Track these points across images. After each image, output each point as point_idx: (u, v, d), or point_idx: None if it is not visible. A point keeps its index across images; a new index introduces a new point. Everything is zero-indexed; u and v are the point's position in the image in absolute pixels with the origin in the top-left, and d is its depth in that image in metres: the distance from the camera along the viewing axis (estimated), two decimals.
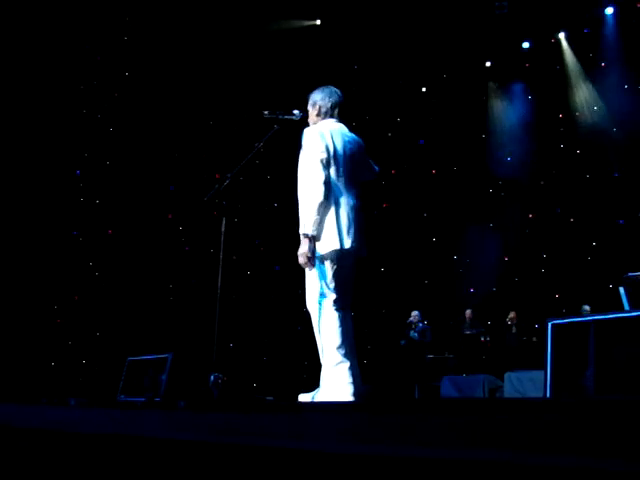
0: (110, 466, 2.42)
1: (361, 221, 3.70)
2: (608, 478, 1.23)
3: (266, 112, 4.18)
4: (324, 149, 3.62)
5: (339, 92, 3.94)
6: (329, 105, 3.87)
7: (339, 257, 3.60)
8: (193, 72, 10.07)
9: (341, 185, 3.65)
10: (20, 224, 8.75)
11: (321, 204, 3.54)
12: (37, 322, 8.74)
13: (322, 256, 3.58)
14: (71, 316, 9.20)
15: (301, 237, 3.57)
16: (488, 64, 11.59)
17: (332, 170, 3.64)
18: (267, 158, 9.20)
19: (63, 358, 8.93)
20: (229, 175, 4.11)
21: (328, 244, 3.56)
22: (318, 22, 10.68)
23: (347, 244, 3.56)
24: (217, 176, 8.35)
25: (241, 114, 10.04)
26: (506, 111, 11.64)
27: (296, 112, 4.13)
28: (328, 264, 3.60)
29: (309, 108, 3.90)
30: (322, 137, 3.66)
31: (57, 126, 9.24)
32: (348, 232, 3.58)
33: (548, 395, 3.30)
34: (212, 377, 3.93)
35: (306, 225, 3.54)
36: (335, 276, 3.60)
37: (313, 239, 3.55)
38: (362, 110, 10.52)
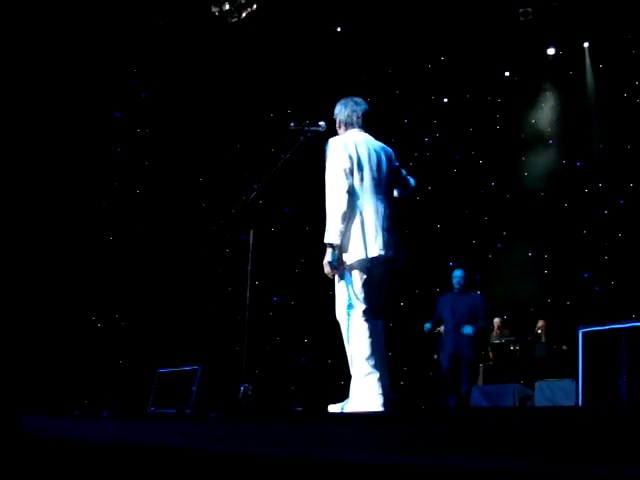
0: (142, 477, 2.45)
1: (393, 229, 3.70)
2: None
3: (292, 124, 4.22)
4: (347, 158, 3.65)
5: (362, 102, 3.96)
6: (350, 116, 3.92)
7: (367, 266, 3.61)
8: (218, 85, 10.15)
9: (368, 194, 3.66)
10: (56, 236, 8.87)
11: (345, 213, 3.55)
12: (68, 334, 8.84)
13: (350, 266, 3.59)
14: (102, 329, 9.29)
15: (326, 247, 3.60)
16: (507, 74, 11.53)
17: (356, 179, 3.65)
18: (293, 170, 9.23)
19: (94, 371, 9.02)
20: (256, 187, 4.15)
21: (354, 253, 3.57)
22: (339, 29, 10.69)
23: (374, 252, 3.56)
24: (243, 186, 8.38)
25: (268, 126, 10.11)
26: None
27: (322, 123, 4.16)
28: (356, 274, 3.61)
29: (336, 123, 4.01)
30: (345, 147, 3.69)
31: (85, 135, 9.36)
32: (375, 240, 3.58)
33: (580, 404, 3.27)
34: (242, 388, 3.95)
35: (330, 234, 3.57)
36: (364, 286, 3.60)
37: (337, 248, 3.57)
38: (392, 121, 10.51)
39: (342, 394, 3.76)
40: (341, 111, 3.95)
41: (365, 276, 3.59)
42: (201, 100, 10.10)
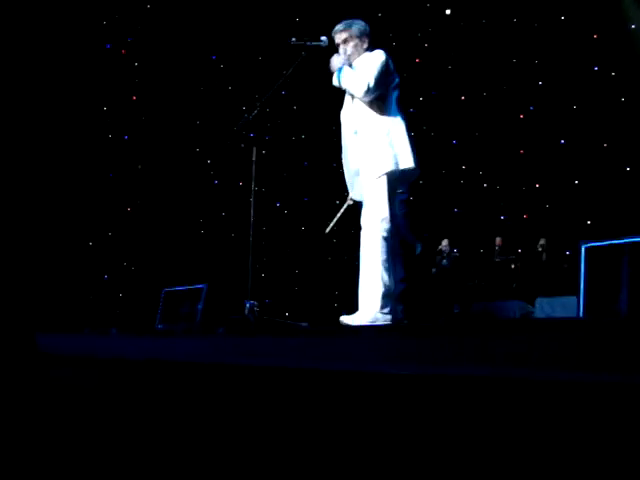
0: (153, 389, 2.52)
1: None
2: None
3: (293, 39, 4.13)
4: (394, 76, 3.80)
5: None
6: (369, 36, 3.94)
7: (398, 179, 3.67)
8: (219, 2, 9.90)
9: (399, 115, 3.77)
10: (53, 162, 8.83)
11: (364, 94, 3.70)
12: (72, 257, 8.92)
13: (387, 175, 3.63)
14: (106, 250, 9.37)
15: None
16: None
17: (394, 98, 3.77)
18: (295, 86, 9.09)
19: (100, 291, 9.15)
20: (258, 104, 4.10)
21: (405, 160, 3.68)
22: None
23: (408, 164, 3.69)
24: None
25: (268, 42, 9.90)
26: None
27: (323, 38, 4.06)
28: (388, 186, 3.65)
29: (352, 42, 3.88)
30: (393, 67, 3.80)
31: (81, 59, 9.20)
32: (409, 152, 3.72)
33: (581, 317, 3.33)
34: (247, 304, 4.01)
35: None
36: (390, 200, 3.65)
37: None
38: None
39: (347, 309, 3.82)
40: (369, 31, 3.92)
41: (394, 190, 3.66)
42: (206, 19, 9.88)
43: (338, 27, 3.91)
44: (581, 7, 10.38)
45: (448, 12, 11.13)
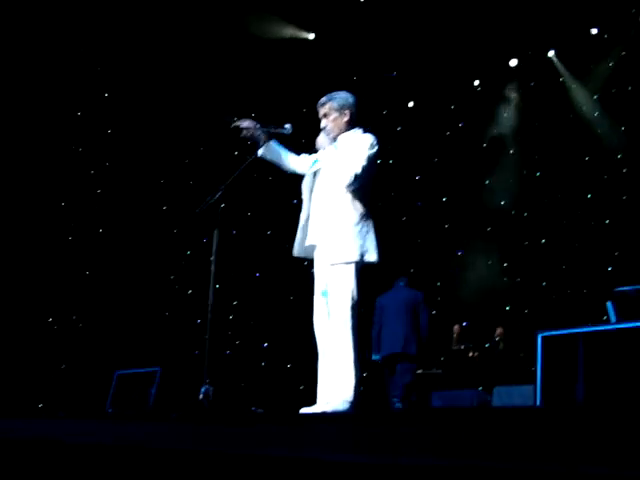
0: (99, 474, 2.42)
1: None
2: None
3: (258, 125, 4.20)
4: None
5: None
6: (356, 114, 3.91)
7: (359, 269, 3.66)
8: (184, 85, 10.07)
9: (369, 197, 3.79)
10: (16, 236, 8.71)
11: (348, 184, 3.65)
12: (25, 335, 8.67)
13: (358, 264, 3.63)
14: (60, 331, 9.13)
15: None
16: (476, 82, 11.68)
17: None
18: (258, 172, 9.21)
19: (51, 371, 8.86)
20: (222, 187, 4.13)
21: (371, 254, 3.67)
22: (312, 36, 10.74)
23: (376, 259, 3.72)
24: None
25: (232, 127, 10.05)
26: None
27: (287, 126, 4.13)
28: (356, 275, 3.63)
29: (332, 116, 3.86)
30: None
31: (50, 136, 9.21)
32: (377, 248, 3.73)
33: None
34: (203, 389, 3.91)
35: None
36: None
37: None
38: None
39: (306, 396, 3.76)
40: (352, 103, 3.88)
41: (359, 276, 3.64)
42: (166, 100, 10.01)
43: (321, 100, 3.90)
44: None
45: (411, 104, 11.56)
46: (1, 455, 2.60)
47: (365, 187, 3.71)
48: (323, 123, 3.89)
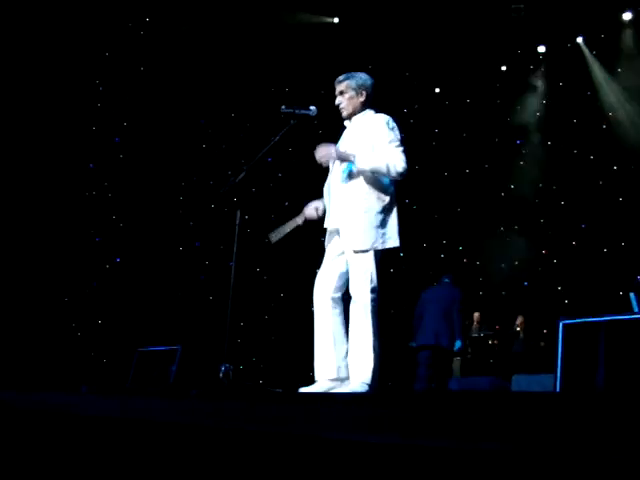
0: (121, 448, 2.46)
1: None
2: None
3: (283, 107, 4.18)
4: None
5: None
6: (372, 94, 3.86)
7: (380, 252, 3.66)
8: (210, 66, 10.09)
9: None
10: (32, 217, 8.80)
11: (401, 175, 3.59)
12: (47, 314, 8.80)
13: (380, 251, 3.63)
14: (81, 308, 9.25)
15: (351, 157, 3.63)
16: (504, 68, 11.56)
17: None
18: (282, 154, 9.22)
19: (73, 350, 8.98)
20: (245, 168, 4.13)
21: (393, 240, 3.66)
22: (336, 20, 10.70)
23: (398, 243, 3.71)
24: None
25: (257, 109, 10.08)
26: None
27: (312, 108, 4.11)
28: (374, 258, 3.63)
29: (348, 94, 3.82)
30: None
31: (69, 119, 9.28)
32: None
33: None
34: (223, 368, 3.93)
35: (368, 164, 3.57)
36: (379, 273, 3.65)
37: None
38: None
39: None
40: (370, 85, 3.84)
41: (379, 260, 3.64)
42: (196, 82, 10.04)
43: (339, 77, 3.88)
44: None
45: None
46: (26, 427, 2.65)
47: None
48: (338, 100, 3.87)
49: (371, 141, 3.66)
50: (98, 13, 9.30)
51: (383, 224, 3.64)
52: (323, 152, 3.73)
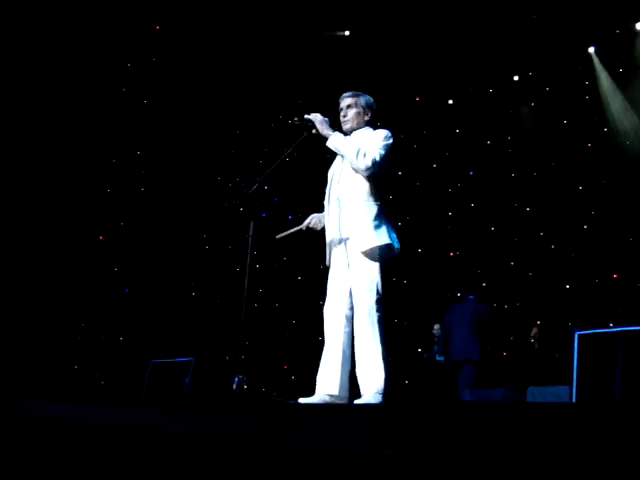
0: (134, 459, 2.46)
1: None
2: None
3: (296, 119, 4.20)
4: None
5: None
6: (375, 113, 4.00)
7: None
8: (223, 78, 10.15)
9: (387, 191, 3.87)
10: (44, 227, 8.86)
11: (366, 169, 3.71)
12: (62, 326, 8.83)
13: (380, 257, 3.67)
14: (94, 319, 9.28)
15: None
16: (516, 78, 11.52)
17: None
18: (294, 165, 9.23)
19: (88, 361, 9.01)
20: (258, 179, 4.14)
21: (392, 246, 3.73)
22: (347, 33, 10.73)
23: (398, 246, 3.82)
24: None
25: (270, 120, 10.13)
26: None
27: (326, 119, 4.13)
28: (379, 267, 3.67)
29: (356, 109, 3.93)
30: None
31: (81, 131, 9.35)
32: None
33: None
34: (236, 380, 3.93)
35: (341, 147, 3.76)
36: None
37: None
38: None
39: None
40: (375, 109, 3.98)
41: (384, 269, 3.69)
42: (207, 93, 10.10)
43: (347, 93, 3.98)
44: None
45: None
46: (40, 436, 2.66)
47: (382, 181, 3.79)
48: (343, 112, 3.97)
49: (364, 143, 3.78)
50: (124, 18, 9.33)
51: (381, 225, 3.70)
52: (313, 114, 3.91)
